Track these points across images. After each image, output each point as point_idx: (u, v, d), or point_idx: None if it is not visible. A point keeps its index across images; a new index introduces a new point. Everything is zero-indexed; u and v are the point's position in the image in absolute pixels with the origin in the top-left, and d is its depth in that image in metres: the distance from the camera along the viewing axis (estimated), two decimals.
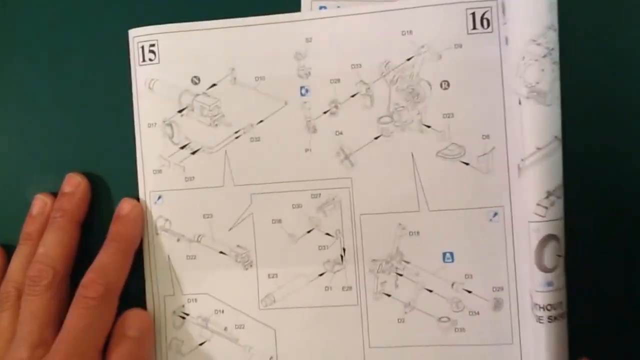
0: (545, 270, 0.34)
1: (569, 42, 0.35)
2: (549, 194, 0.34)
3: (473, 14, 0.37)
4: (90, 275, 0.36)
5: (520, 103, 0.34)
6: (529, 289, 0.36)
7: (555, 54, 0.34)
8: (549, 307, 0.35)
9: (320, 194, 0.39)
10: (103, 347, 0.37)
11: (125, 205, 0.39)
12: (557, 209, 0.34)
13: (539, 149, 0.34)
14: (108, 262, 0.37)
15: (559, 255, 0.35)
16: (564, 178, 0.34)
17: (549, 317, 0.35)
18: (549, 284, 0.34)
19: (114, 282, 0.37)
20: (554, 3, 0.34)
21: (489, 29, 0.37)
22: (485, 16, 0.37)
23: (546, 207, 0.34)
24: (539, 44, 0.34)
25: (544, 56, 0.34)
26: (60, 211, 0.38)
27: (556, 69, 0.34)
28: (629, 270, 0.38)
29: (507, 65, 0.36)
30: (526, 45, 0.34)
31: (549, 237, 0.34)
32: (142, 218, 0.39)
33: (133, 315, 0.39)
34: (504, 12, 0.36)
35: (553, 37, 0.34)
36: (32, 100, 0.41)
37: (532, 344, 0.36)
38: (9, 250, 0.40)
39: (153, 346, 0.40)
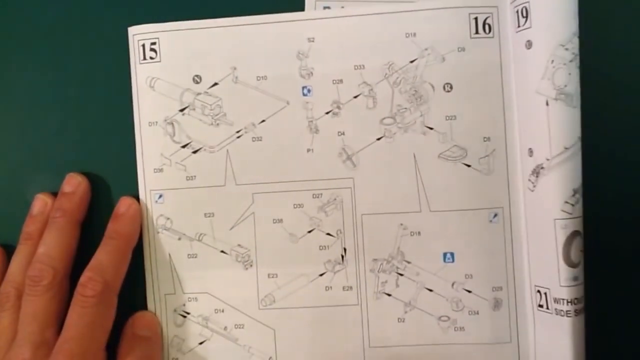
0: (572, 265, 0.36)
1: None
2: (575, 192, 0.35)
3: (476, 18, 0.38)
4: (87, 274, 0.36)
5: (547, 104, 0.35)
6: (546, 286, 0.37)
7: (578, 60, 0.35)
8: (575, 301, 0.36)
9: (321, 194, 0.39)
10: (107, 345, 0.37)
11: (123, 204, 0.39)
12: (580, 207, 0.36)
13: (566, 148, 0.35)
14: (105, 259, 0.37)
15: (581, 251, 0.36)
16: None
17: (575, 311, 0.36)
18: (575, 278, 0.36)
19: (111, 280, 0.37)
20: (576, 11, 0.35)
21: (490, 34, 0.38)
22: (487, 21, 0.38)
23: (573, 205, 0.35)
24: (566, 49, 0.35)
25: (571, 61, 0.35)
26: (60, 211, 0.38)
27: (578, 73, 0.35)
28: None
29: (528, 67, 0.36)
30: (555, 49, 0.35)
31: (575, 234, 0.36)
32: (140, 215, 0.39)
33: (142, 316, 0.39)
34: (526, 16, 0.36)
35: (577, 43, 0.35)
36: (32, 99, 0.40)
37: (546, 339, 0.37)
38: (9, 251, 0.40)
39: (162, 346, 0.40)
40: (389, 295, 0.39)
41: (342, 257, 0.39)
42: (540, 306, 0.37)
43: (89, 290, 0.36)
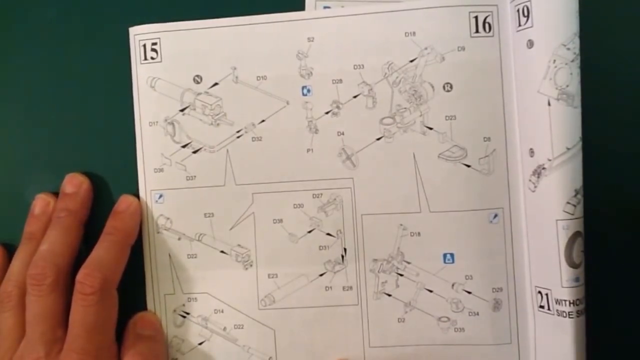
0: (574, 266, 0.36)
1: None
2: (576, 193, 0.35)
3: (476, 17, 0.37)
4: (84, 271, 0.36)
5: (549, 104, 0.35)
6: (547, 287, 0.37)
7: (579, 60, 0.35)
8: (577, 302, 0.36)
9: (321, 194, 0.39)
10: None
11: (123, 201, 0.39)
12: (581, 207, 0.35)
13: (568, 149, 0.35)
14: (103, 255, 0.37)
15: (582, 251, 0.36)
16: None
17: (577, 312, 0.36)
18: (577, 279, 0.36)
19: (110, 275, 0.37)
20: (577, 11, 0.35)
21: (490, 33, 0.38)
22: (487, 20, 0.37)
23: (575, 205, 0.35)
24: (568, 49, 0.35)
25: (572, 60, 0.35)
26: (65, 211, 0.38)
27: (579, 73, 0.35)
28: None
29: (530, 66, 0.36)
30: (557, 49, 0.35)
31: (577, 234, 0.35)
32: (140, 212, 0.39)
33: (143, 317, 0.39)
34: (527, 15, 0.36)
35: (578, 43, 0.35)
36: (32, 99, 0.41)
37: (547, 340, 0.37)
38: (9, 251, 0.40)
39: (166, 344, 0.40)
40: (389, 295, 0.39)
41: (342, 257, 0.39)
42: (541, 307, 0.37)
43: (87, 287, 0.35)
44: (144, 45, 0.39)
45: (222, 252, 0.39)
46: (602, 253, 0.38)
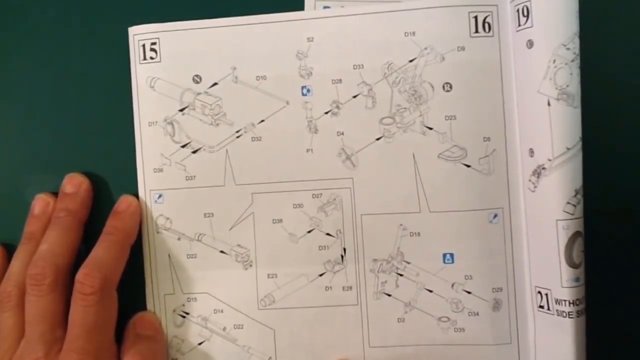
0: (574, 266, 0.36)
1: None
2: (576, 193, 0.35)
3: (475, 17, 0.37)
4: (84, 270, 0.36)
5: (549, 104, 0.35)
6: (547, 287, 0.37)
7: (579, 60, 0.35)
8: (577, 302, 0.36)
9: (321, 194, 0.39)
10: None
11: (123, 201, 0.39)
12: (581, 207, 0.35)
13: (568, 149, 0.35)
14: (103, 254, 0.37)
15: (582, 251, 0.36)
16: None
17: (577, 312, 0.36)
18: (577, 279, 0.36)
19: (110, 274, 0.37)
20: (577, 11, 0.35)
21: (490, 33, 0.38)
22: (486, 20, 0.37)
23: (575, 205, 0.35)
24: (568, 49, 0.35)
25: (572, 60, 0.35)
26: (64, 211, 0.38)
27: (579, 73, 0.35)
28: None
29: (530, 66, 0.36)
30: (557, 49, 0.35)
31: (577, 234, 0.35)
32: (139, 213, 0.39)
33: (142, 317, 0.39)
34: (527, 15, 0.36)
35: (578, 43, 0.35)
36: (32, 99, 0.41)
37: (547, 340, 0.37)
38: (9, 251, 0.40)
39: (166, 344, 0.40)
40: (389, 295, 0.39)
41: (342, 257, 0.39)
42: (541, 307, 0.37)
43: (87, 287, 0.35)
44: (143, 45, 0.39)
45: (221, 252, 0.39)
46: (602, 253, 0.38)
